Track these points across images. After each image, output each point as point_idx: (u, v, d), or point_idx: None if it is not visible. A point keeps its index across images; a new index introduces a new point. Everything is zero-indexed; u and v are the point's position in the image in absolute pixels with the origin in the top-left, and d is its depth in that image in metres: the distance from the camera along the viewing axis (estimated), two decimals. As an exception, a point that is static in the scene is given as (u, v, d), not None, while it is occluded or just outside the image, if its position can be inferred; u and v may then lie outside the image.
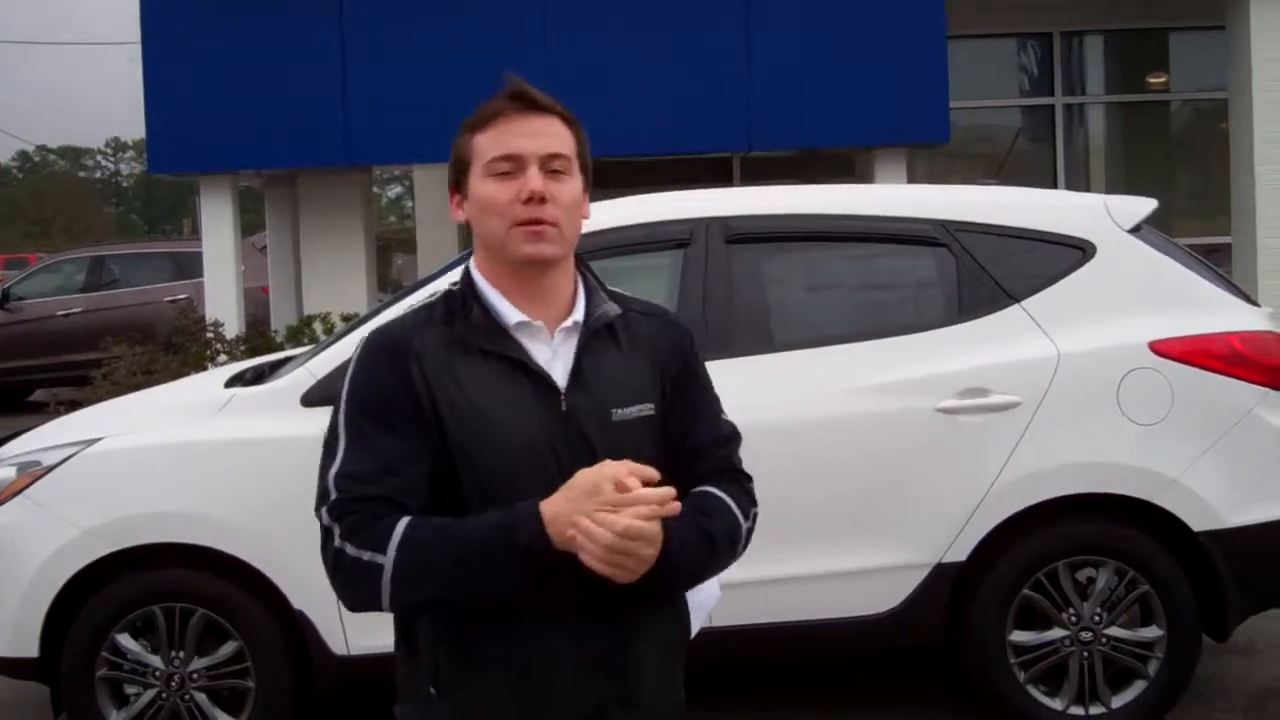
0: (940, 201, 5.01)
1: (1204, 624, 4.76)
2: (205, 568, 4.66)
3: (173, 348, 10.02)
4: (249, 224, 17.76)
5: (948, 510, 4.63)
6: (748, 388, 4.66)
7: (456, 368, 2.17)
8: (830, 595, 4.64)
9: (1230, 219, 10.67)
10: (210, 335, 9.76)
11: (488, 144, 2.20)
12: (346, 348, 4.75)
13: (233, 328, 10.05)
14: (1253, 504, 4.70)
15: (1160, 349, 4.69)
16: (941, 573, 4.63)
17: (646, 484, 2.06)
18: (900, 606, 4.64)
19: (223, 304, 10.07)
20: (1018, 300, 4.77)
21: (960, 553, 4.63)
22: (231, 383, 5.16)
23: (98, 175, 77.45)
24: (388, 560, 2.05)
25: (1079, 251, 4.85)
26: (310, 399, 4.71)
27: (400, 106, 9.79)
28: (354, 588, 2.11)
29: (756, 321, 4.85)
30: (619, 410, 2.19)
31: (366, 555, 2.07)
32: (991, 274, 4.80)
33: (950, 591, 4.66)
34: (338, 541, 2.11)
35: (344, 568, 2.11)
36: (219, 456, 4.69)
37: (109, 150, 77.25)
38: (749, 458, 2.59)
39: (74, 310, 16.20)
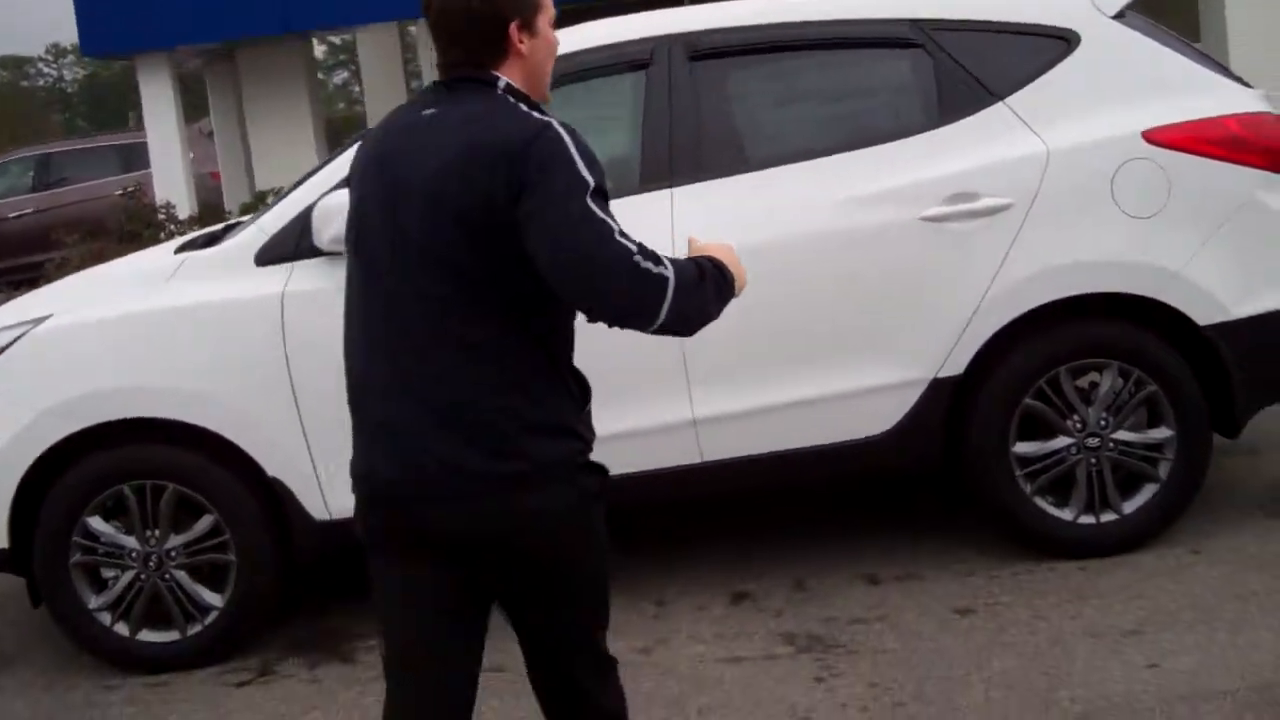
0: (911, 0, 4.71)
1: (1214, 422, 4.61)
2: (172, 441, 4.45)
3: (126, 236, 9.68)
4: (193, 109, 17.24)
5: (941, 323, 4.43)
6: (724, 210, 4.46)
7: None
8: (825, 420, 4.46)
9: (1200, 30, 10.38)
10: (163, 218, 9.43)
11: (549, 2, 2.65)
12: (296, 203, 4.50)
13: (184, 209, 9.71)
14: (1258, 293, 4.51)
15: (1154, 138, 4.45)
16: (938, 387, 4.45)
17: None
18: (898, 426, 4.46)
19: (172, 186, 9.72)
20: (1001, 98, 4.52)
21: (957, 365, 4.44)
22: (182, 250, 4.89)
23: (40, 83, 75.68)
24: (670, 273, 2.44)
25: (1062, 42, 4.58)
26: (264, 257, 4.46)
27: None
28: (646, 297, 2.43)
29: (728, 141, 4.59)
30: None
31: (656, 269, 2.44)
32: (971, 72, 4.54)
33: (949, 406, 4.48)
34: (641, 261, 2.43)
35: (640, 277, 2.42)
36: (173, 324, 4.44)
37: (50, 57, 75.34)
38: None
39: (25, 211, 15.79)
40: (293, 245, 4.44)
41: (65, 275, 9.18)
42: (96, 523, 4.44)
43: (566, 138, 2.46)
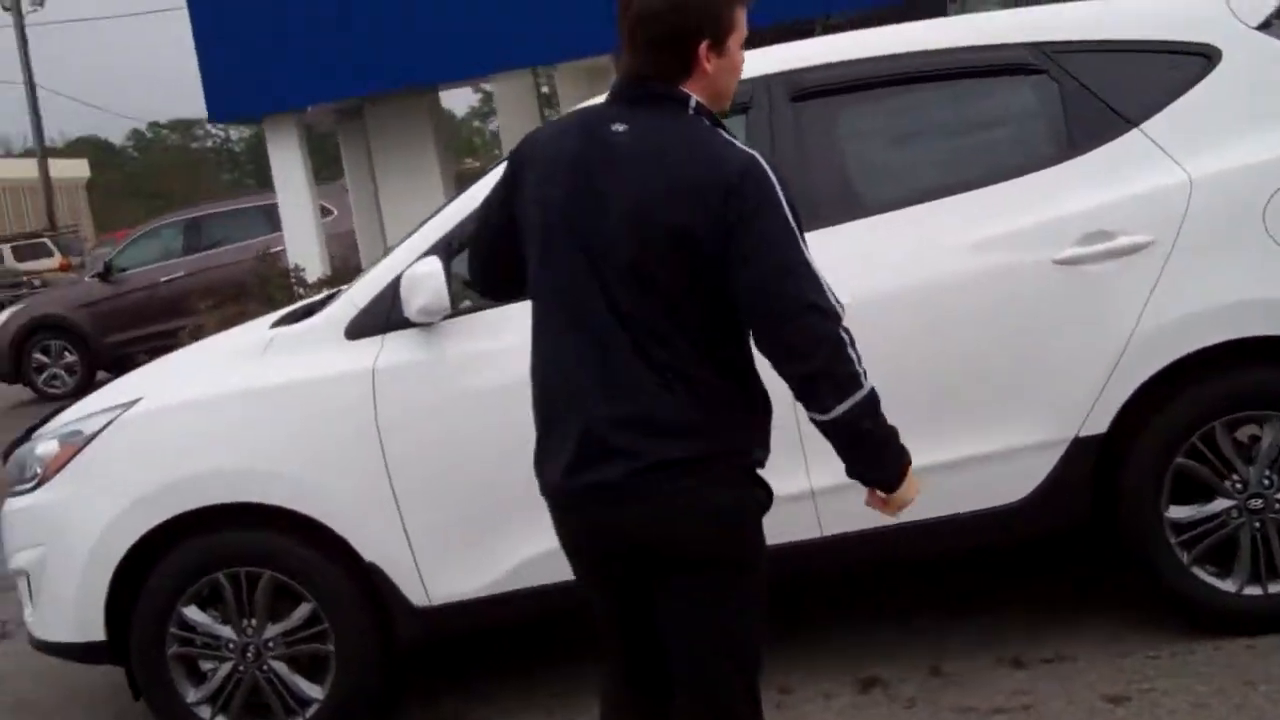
0: (1031, 22, 4.31)
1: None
2: (265, 526, 4.28)
3: (262, 300, 9.70)
4: (331, 167, 17.41)
5: (1081, 375, 4.02)
6: (838, 260, 4.09)
7: None
8: (955, 487, 4.06)
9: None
10: (292, 280, 9.42)
11: (742, 22, 2.62)
12: (386, 273, 4.30)
13: (315, 271, 9.70)
14: None
15: (1311, 160, 4.01)
16: (1080, 448, 4.04)
17: None
18: (1037, 491, 4.06)
19: (303, 248, 9.72)
20: (1135, 124, 4.11)
21: (1100, 423, 4.03)
22: (279, 324, 4.74)
23: (209, 144, 78.52)
24: (867, 385, 2.53)
25: (1202, 59, 4.16)
26: (354, 330, 4.27)
27: (466, 16, 9.25)
28: (840, 376, 2.50)
29: (838, 185, 4.25)
30: None
31: (863, 371, 2.53)
32: (1101, 97, 4.14)
33: (1093, 469, 4.07)
34: (851, 348, 2.52)
35: (849, 367, 2.51)
36: (262, 404, 4.28)
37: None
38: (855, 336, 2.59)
39: (176, 275, 16.06)
40: (384, 317, 4.25)
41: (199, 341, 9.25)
42: (192, 612, 4.28)
43: (772, 174, 2.51)
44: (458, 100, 72.78)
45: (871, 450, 2.60)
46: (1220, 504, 4.06)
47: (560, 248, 2.58)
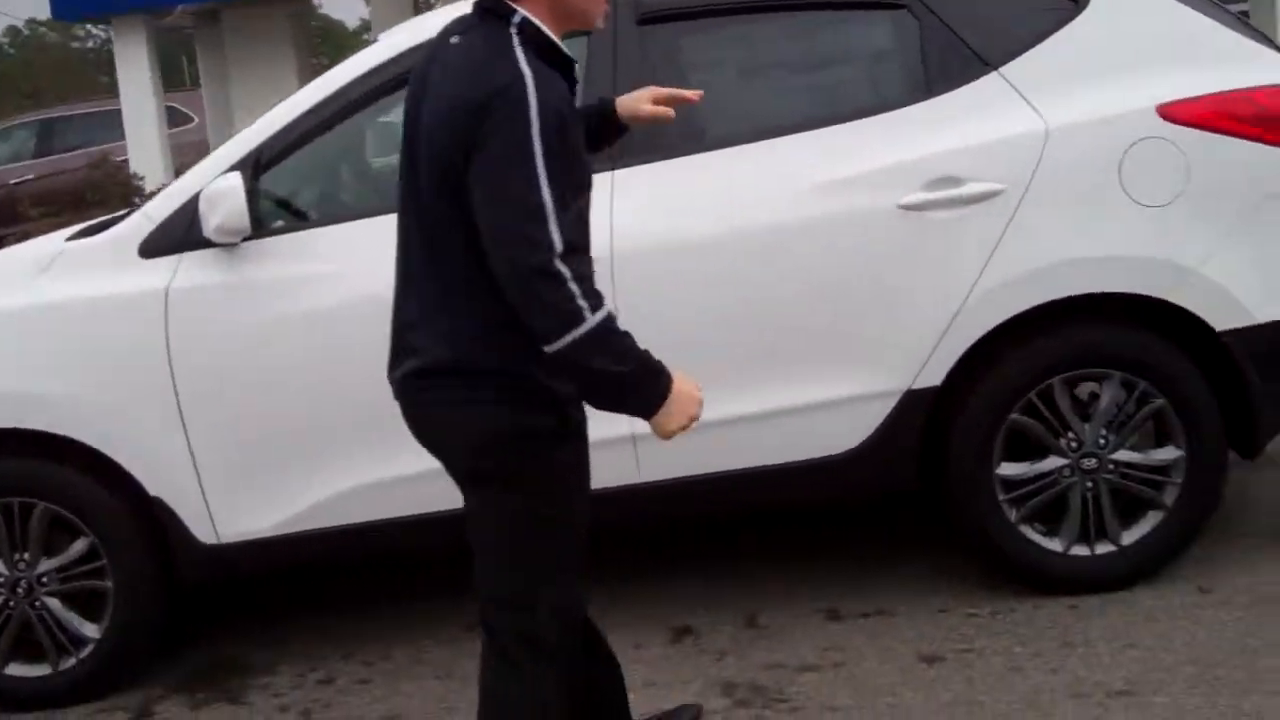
0: (895, -47, 4.10)
1: (1231, 440, 4.02)
2: (41, 454, 3.94)
3: (91, 205, 9.17)
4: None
5: (918, 326, 3.85)
6: (675, 194, 3.90)
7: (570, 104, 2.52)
8: (782, 436, 3.89)
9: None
10: (132, 189, 8.92)
11: None
12: (188, 187, 3.97)
13: (156, 179, 9.19)
14: (1283, 295, 3.92)
15: (1171, 113, 3.85)
16: (913, 400, 3.87)
17: None
18: (865, 444, 3.89)
19: (145, 156, 9.19)
20: (995, 67, 3.91)
21: (935, 375, 3.87)
22: (75, 237, 4.36)
23: (90, 45, 75.63)
24: (592, 320, 2.39)
25: (1069, 3, 3.98)
26: (149, 248, 3.94)
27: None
28: (555, 310, 2.40)
29: (680, 115, 3.98)
30: None
31: (587, 306, 2.40)
32: (962, 37, 3.94)
33: (925, 421, 3.91)
34: (570, 282, 2.39)
35: (563, 303, 2.39)
36: (40, 322, 3.93)
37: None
38: (678, 279, 2.91)
39: (26, 178, 15.34)
40: (182, 235, 3.91)
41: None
42: (-41, 544, 3.95)
43: (532, 98, 2.39)
44: (347, 11, 70.93)
45: (607, 386, 2.48)
46: (1053, 462, 3.92)
47: (401, 161, 2.65)
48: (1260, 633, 3.63)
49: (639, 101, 2.96)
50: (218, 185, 3.76)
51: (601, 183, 3.64)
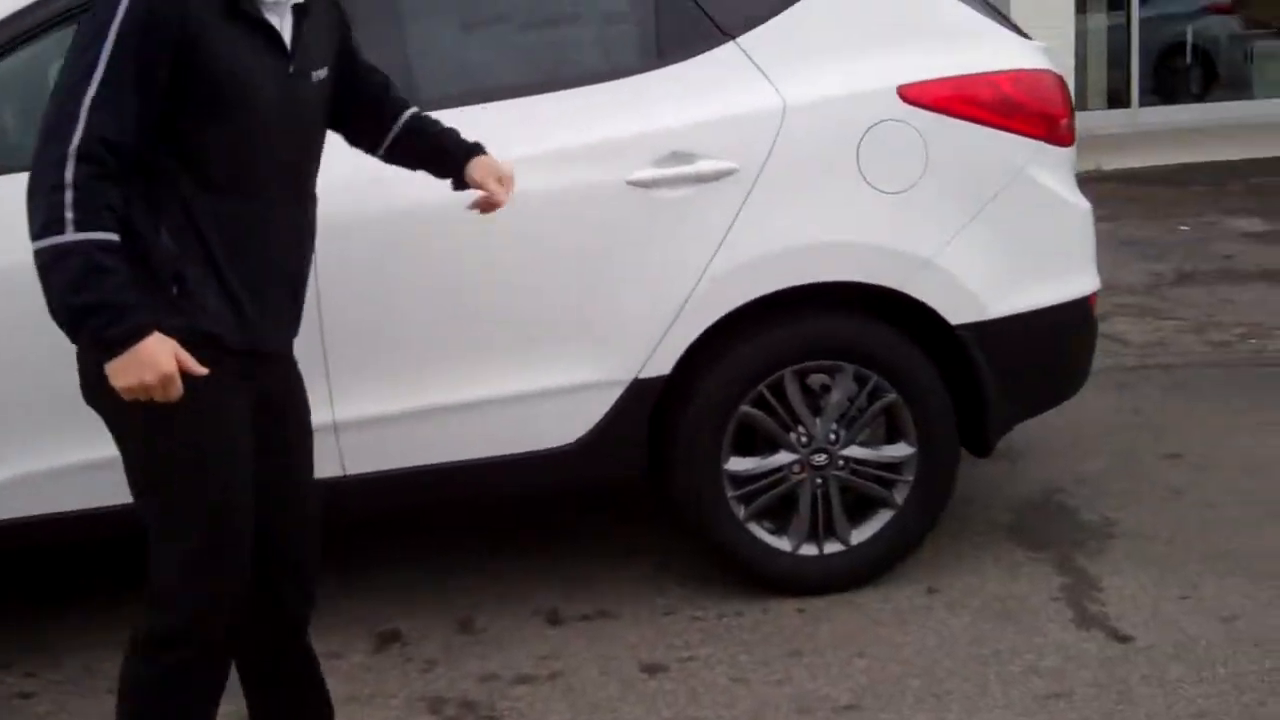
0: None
1: (963, 436, 3.91)
2: None
3: None
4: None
5: (646, 312, 3.60)
6: (368, 163, 3.49)
7: (218, 26, 2.35)
8: (498, 427, 3.61)
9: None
10: None
11: None
12: None
13: None
14: (1023, 287, 3.80)
15: (912, 95, 3.67)
16: (641, 389, 3.64)
17: None
18: (589, 436, 3.64)
19: None
20: (732, 36, 3.67)
21: (662, 365, 3.64)
22: None
23: None
24: (70, 238, 2.24)
25: (813, -28, 3.76)
26: None
27: None
28: (42, 212, 2.26)
29: (393, 72, 3.62)
30: (316, 72, 2.56)
31: (73, 219, 2.24)
32: (698, 3, 3.68)
33: (651, 413, 3.68)
34: (70, 189, 2.24)
35: (54, 207, 2.24)
36: None
37: None
38: (386, 255, 2.77)
39: None
40: None
41: None
42: None
43: None
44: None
45: (61, 309, 2.28)
46: (783, 457, 3.75)
47: None
48: (988, 639, 3.53)
49: (485, 172, 2.88)
50: None
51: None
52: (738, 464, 3.74)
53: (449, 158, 2.90)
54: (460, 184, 2.92)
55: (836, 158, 3.64)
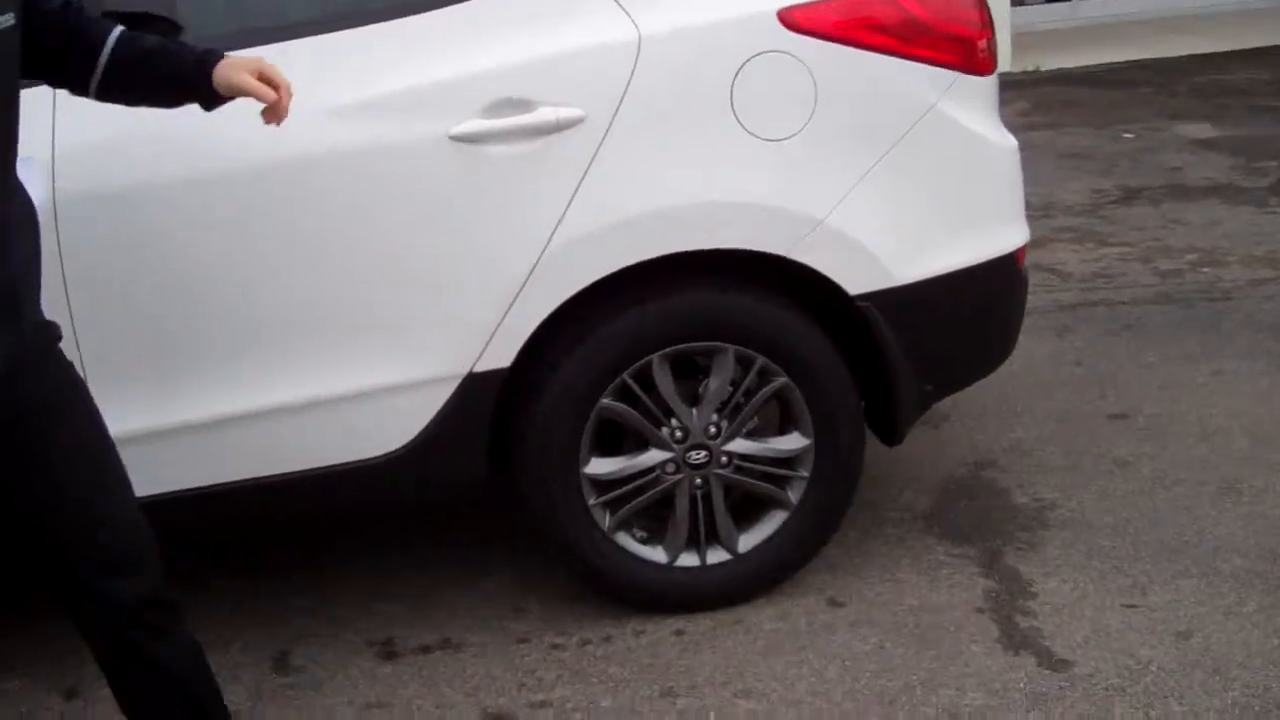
0: None
1: (871, 421, 3.34)
2: None
3: None
4: None
5: (480, 293, 2.97)
6: (140, 122, 2.77)
7: None
8: (310, 435, 2.99)
9: None
10: None
11: None
12: None
13: None
14: (937, 247, 3.19)
15: (796, 20, 3.01)
16: (476, 385, 3.02)
17: None
18: (416, 442, 3.03)
19: None
20: (577, -48, 3.01)
21: (503, 355, 3.02)
22: None
23: None
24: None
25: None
26: None
27: None
28: None
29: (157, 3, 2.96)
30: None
31: None
32: (536, -89, 3.01)
33: (493, 410, 3.07)
34: None
35: None
36: None
37: None
38: (151, 235, 2.44)
39: None
40: None
41: None
42: None
43: None
44: None
45: None
46: (654, 456, 3.16)
47: None
48: (899, 669, 2.98)
49: (237, 70, 2.29)
50: None
51: (36, 102, 2.62)
52: (600, 466, 3.15)
53: (182, 73, 2.31)
54: (210, 100, 2.35)
55: (706, 99, 2.99)
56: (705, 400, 3.15)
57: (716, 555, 3.25)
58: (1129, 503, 3.63)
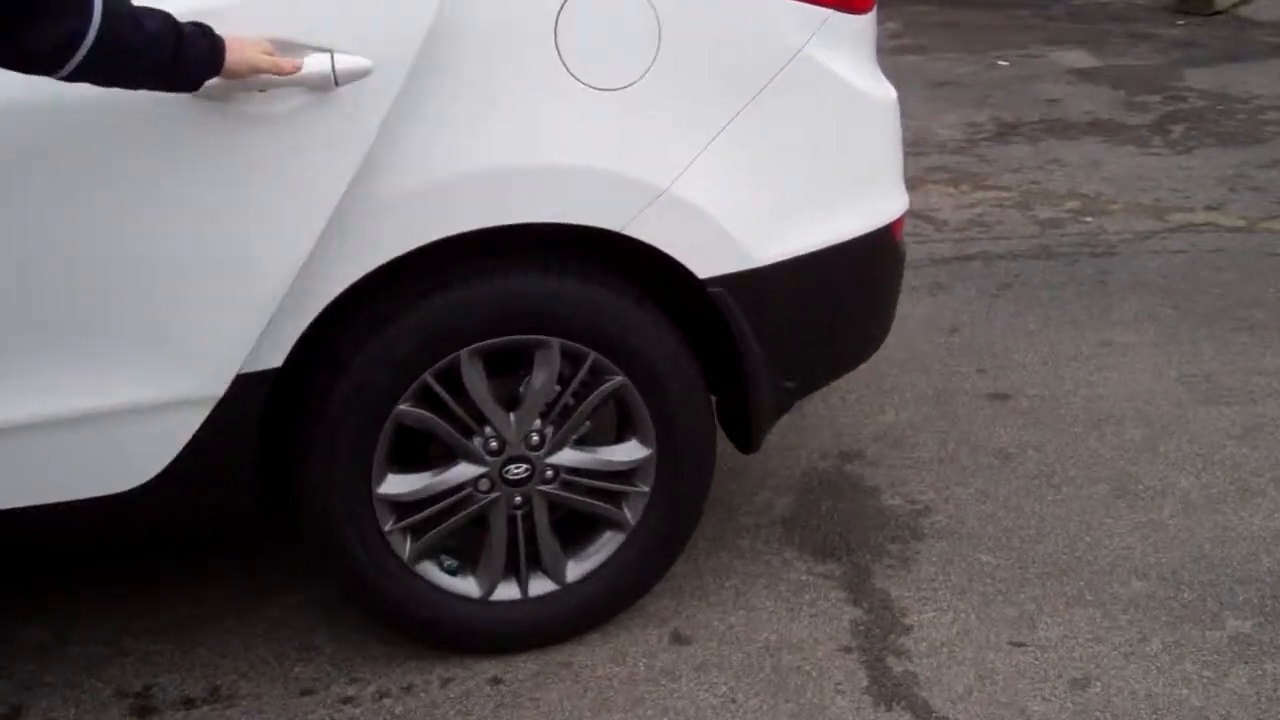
0: None
1: (725, 425, 2.85)
2: None
3: None
4: None
5: (243, 282, 2.38)
6: None
7: None
8: (41, 464, 2.40)
9: None
10: None
11: None
12: None
13: None
14: (802, 220, 2.69)
15: (636, -57, 2.47)
16: (241, 392, 2.44)
17: None
18: (171, 469, 2.45)
19: None
20: None
21: (273, 355, 2.45)
22: None
23: None
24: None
25: None
26: None
27: None
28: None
29: None
30: None
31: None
32: None
33: (261, 422, 2.51)
34: None
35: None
36: None
37: None
38: None
39: None
40: None
41: None
42: None
43: None
44: None
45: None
46: (464, 471, 2.63)
47: None
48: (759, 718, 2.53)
49: (251, 48, 2.14)
50: None
51: None
52: (397, 485, 2.60)
53: None
54: None
55: (524, 41, 2.42)
56: (526, 404, 2.62)
57: (540, 586, 2.74)
58: (1013, 506, 3.21)
